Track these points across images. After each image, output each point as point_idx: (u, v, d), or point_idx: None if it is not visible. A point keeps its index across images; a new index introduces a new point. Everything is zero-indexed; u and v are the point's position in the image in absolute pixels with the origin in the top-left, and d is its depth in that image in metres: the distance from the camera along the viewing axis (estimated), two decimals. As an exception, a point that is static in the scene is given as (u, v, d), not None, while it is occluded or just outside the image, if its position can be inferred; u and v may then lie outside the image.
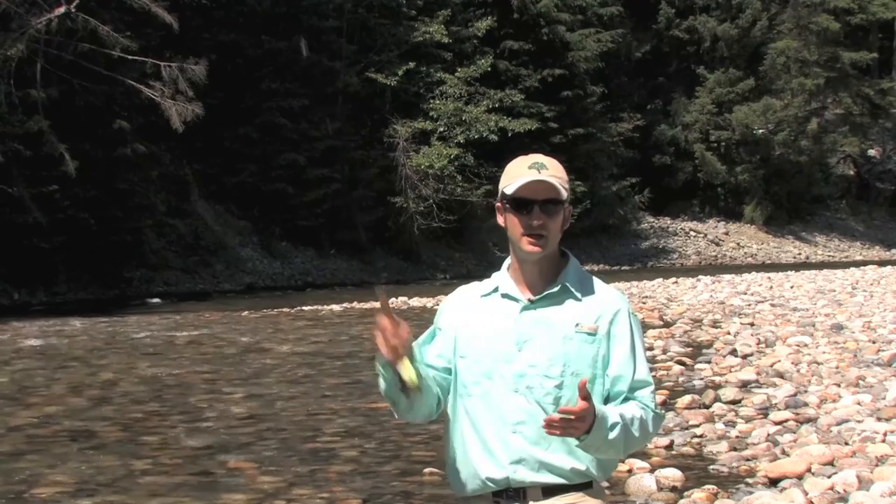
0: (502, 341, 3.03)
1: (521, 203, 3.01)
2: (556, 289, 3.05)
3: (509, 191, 3.02)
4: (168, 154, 31.90)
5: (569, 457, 2.98)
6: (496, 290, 3.11)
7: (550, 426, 2.83)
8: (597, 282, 3.12)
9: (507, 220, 3.05)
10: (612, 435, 2.90)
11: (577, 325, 3.02)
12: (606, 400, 3.00)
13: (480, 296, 3.13)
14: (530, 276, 3.07)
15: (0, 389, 12.63)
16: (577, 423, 2.82)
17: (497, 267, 3.20)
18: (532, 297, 3.06)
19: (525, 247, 3.02)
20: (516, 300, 3.06)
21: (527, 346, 3.01)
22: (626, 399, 3.02)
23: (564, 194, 3.02)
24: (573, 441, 2.94)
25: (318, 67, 36.69)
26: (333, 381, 12.94)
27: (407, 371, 2.88)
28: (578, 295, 3.06)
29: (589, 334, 3.02)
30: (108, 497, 7.67)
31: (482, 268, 36.88)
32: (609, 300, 3.08)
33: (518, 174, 3.02)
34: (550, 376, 2.99)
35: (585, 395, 2.82)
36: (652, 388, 3.07)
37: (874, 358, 12.68)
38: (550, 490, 3.00)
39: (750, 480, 7.70)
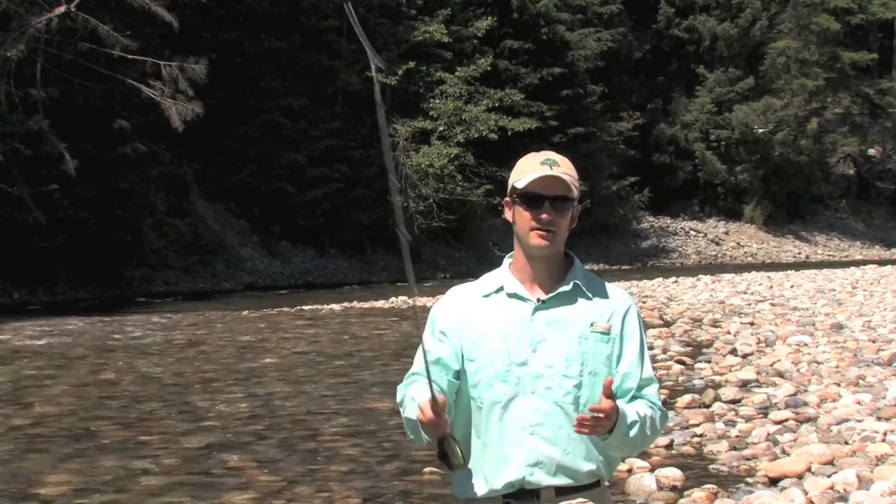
0: (515, 343, 2.98)
1: (531, 198, 2.98)
2: (568, 287, 3.02)
3: (520, 185, 2.99)
4: (168, 153, 31.87)
5: (586, 459, 2.98)
6: (500, 289, 3.05)
7: (582, 425, 2.82)
8: (603, 281, 3.11)
9: (516, 215, 3.02)
10: (631, 433, 2.92)
11: (591, 324, 3.00)
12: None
13: (482, 296, 3.07)
14: (539, 275, 3.03)
15: (0, 389, 12.63)
16: (604, 422, 2.83)
17: (496, 266, 3.15)
18: (542, 297, 3.01)
19: (533, 241, 2.98)
20: (525, 300, 3.02)
21: (541, 346, 2.98)
22: (634, 397, 3.02)
23: (575, 192, 3.01)
24: (591, 442, 2.95)
25: (317, 67, 36.68)
26: (333, 381, 12.94)
27: (456, 457, 2.90)
28: (589, 294, 3.04)
29: (603, 333, 3.01)
30: (108, 497, 7.67)
31: (482, 267, 36.75)
32: (619, 299, 3.07)
33: (530, 169, 2.99)
34: (569, 376, 2.96)
35: (610, 394, 2.82)
36: (657, 385, 3.08)
37: (874, 357, 12.69)
38: (562, 490, 2.99)
39: (750, 480, 7.70)
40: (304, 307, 23.66)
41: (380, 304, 24.22)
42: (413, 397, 2.95)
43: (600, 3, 48.62)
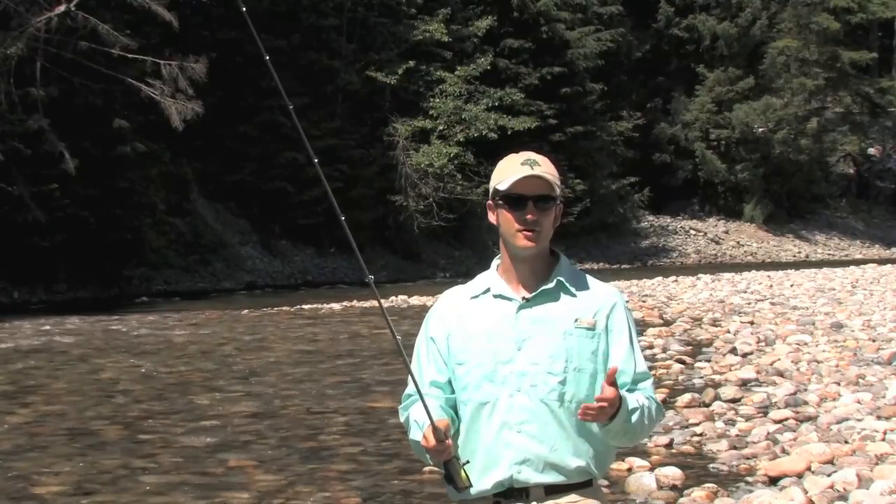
0: (501, 342, 3.01)
1: (514, 199, 2.99)
2: (551, 285, 3.04)
3: (502, 187, 3.01)
4: (168, 152, 31.86)
5: (574, 456, 2.99)
6: (487, 290, 3.08)
7: (586, 413, 2.85)
8: (589, 278, 3.12)
9: (500, 217, 3.04)
10: (632, 419, 2.94)
11: (575, 320, 3.01)
12: None
13: (470, 298, 3.10)
14: (523, 275, 3.05)
15: (0, 388, 12.62)
16: (608, 409, 2.86)
17: (496, 265, 3.17)
18: (527, 296, 3.03)
19: (519, 242, 3.00)
20: (510, 299, 3.04)
21: (526, 344, 3.00)
22: (629, 391, 3.02)
23: (557, 191, 3.02)
24: (578, 439, 2.96)
25: (317, 66, 36.69)
26: (333, 380, 12.94)
27: (461, 479, 2.92)
28: (573, 291, 3.05)
29: (588, 329, 3.02)
30: (108, 496, 7.67)
31: (482, 266, 36.21)
32: (604, 295, 3.08)
33: (511, 171, 3.01)
34: (553, 373, 2.98)
35: (613, 382, 2.85)
36: (652, 379, 3.10)
37: (874, 356, 12.69)
38: (552, 489, 3.00)
39: (750, 479, 7.70)
40: (303, 306, 23.65)
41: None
42: (416, 420, 3.01)
43: (600, 2, 48.61)
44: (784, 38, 52.14)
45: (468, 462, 2.97)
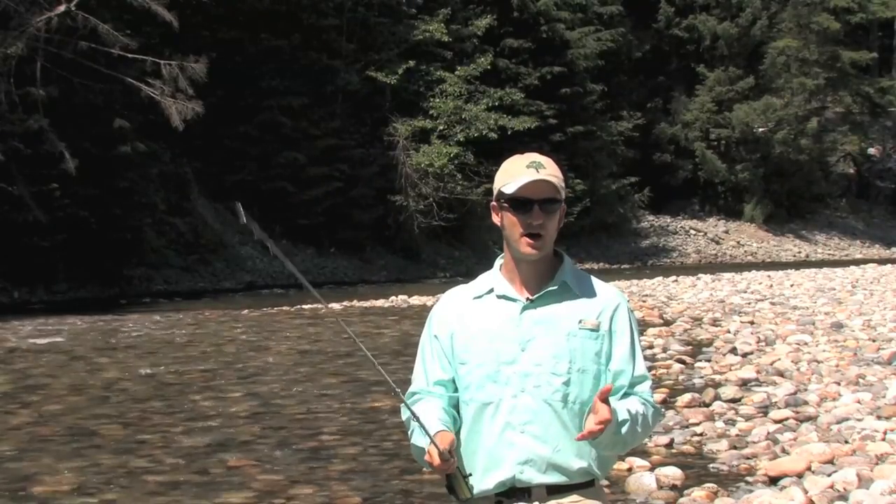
0: (504, 342, 3.01)
1: (520, 203, 2.99)
2: (555, 286, 3.04)
3: (508, 190, 3.00)
4: (168, 152, 31.87)
5: (577, 456, 3.00)
6: (490, 291, 3.08)
7: (587, 437, 2.87)
8: (593, 279, 3.12)
9: (505, 220, 3.03)
10: (623, 430, 2.94)
11: (580, 321, 3.01)
12: None
13: (472, 298, 3.10)
14: (527, 276, 3.05)
15: (0, 388, 12.62)
16: (602, 428, 2.86)
17: (496, 265, 3.18)
18: (531, 297, 3.03)
19: (523, 248, 3.00)
20: (514, 300, 3.04)
21: (530, 345, 3.00)
22: (626, 394, 3.03)
23: (562, 193, 3.03)
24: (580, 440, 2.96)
25: (317, 65, 36.70)
26: (333, 380, 12.94)
27: (463, 492, 2.93)
28: (577, 292, 3.05)
29: (592, 331, 3.02)
30: (108, 496, 7.66)
31: (482, 266, 36.43)
32: (608, 296, 3.08)
33: (517, 173, 3.00)
34: (557, 373, 2.98)
35: (605, 399, 2.85)
36: (650, 382, 3.09)
37: (874, 356, 12.69)
38: (555, 489, 3.00)
39: (750, 479, 7.70)
40: (303, 306, 23.64)
41: (379, 302, 24.22)
42: (422, 422, 2.96)
43: (600, 2, 48.64)
44: (784, 38, 52.19)
45: (471, 475, 2.97)
